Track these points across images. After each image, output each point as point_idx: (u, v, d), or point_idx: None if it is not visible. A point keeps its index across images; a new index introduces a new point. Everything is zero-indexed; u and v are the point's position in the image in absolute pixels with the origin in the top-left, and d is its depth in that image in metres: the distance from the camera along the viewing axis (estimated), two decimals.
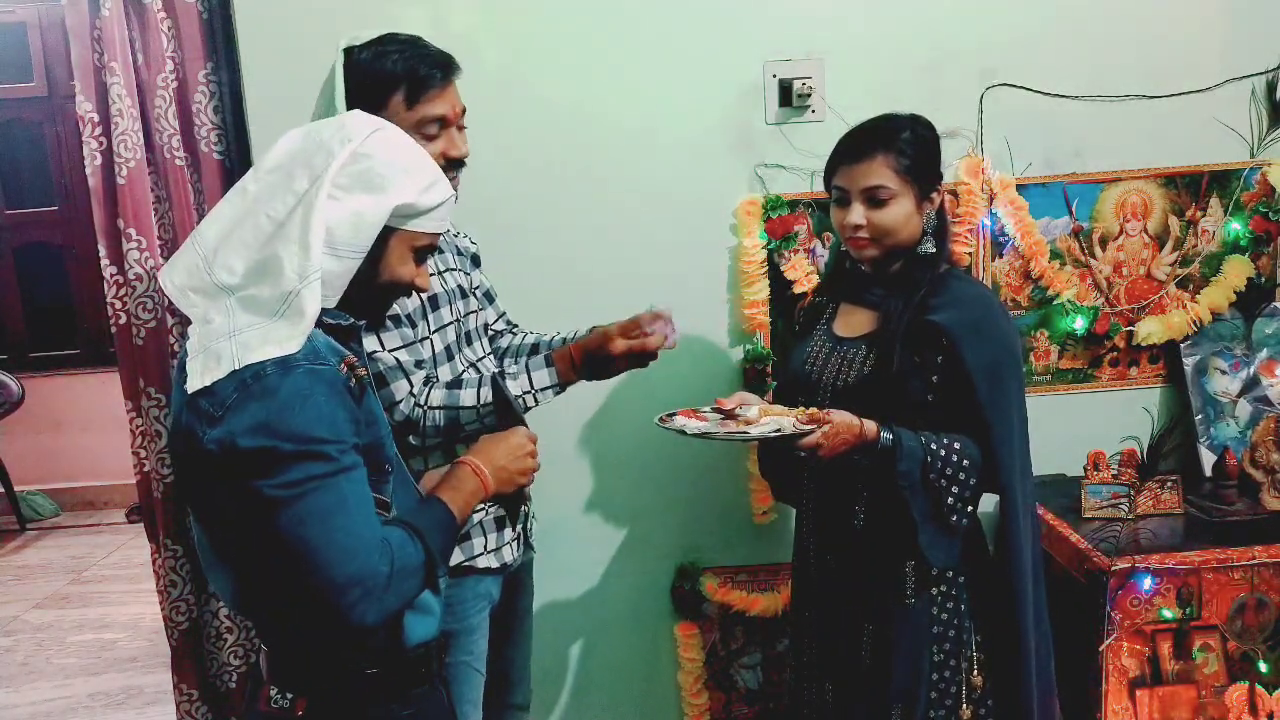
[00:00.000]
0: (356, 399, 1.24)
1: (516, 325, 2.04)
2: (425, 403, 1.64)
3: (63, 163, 5.16)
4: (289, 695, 1.29)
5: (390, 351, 1.64)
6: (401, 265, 1.31)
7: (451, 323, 1.78)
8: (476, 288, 1.91)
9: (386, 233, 1.27)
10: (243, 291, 1.21)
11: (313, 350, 1.20)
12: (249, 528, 1.19)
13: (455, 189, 1.69)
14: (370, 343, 1.62)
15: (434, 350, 1.73)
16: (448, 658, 1.73)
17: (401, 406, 1.64)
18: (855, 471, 1.70)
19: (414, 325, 1.70)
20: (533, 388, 1.71)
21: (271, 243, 1.20)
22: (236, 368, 1.16)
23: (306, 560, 1.15)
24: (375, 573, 1.17)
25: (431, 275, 1.74)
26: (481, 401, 1.63)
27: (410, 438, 1.67)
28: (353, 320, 1.33)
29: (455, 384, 1.66)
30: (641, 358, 1.75)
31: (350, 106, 1.65)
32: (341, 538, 1.16)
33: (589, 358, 1.74)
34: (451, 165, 1.70)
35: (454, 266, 1.83)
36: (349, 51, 1.67)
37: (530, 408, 1.71)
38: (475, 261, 1.95)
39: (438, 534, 1.28)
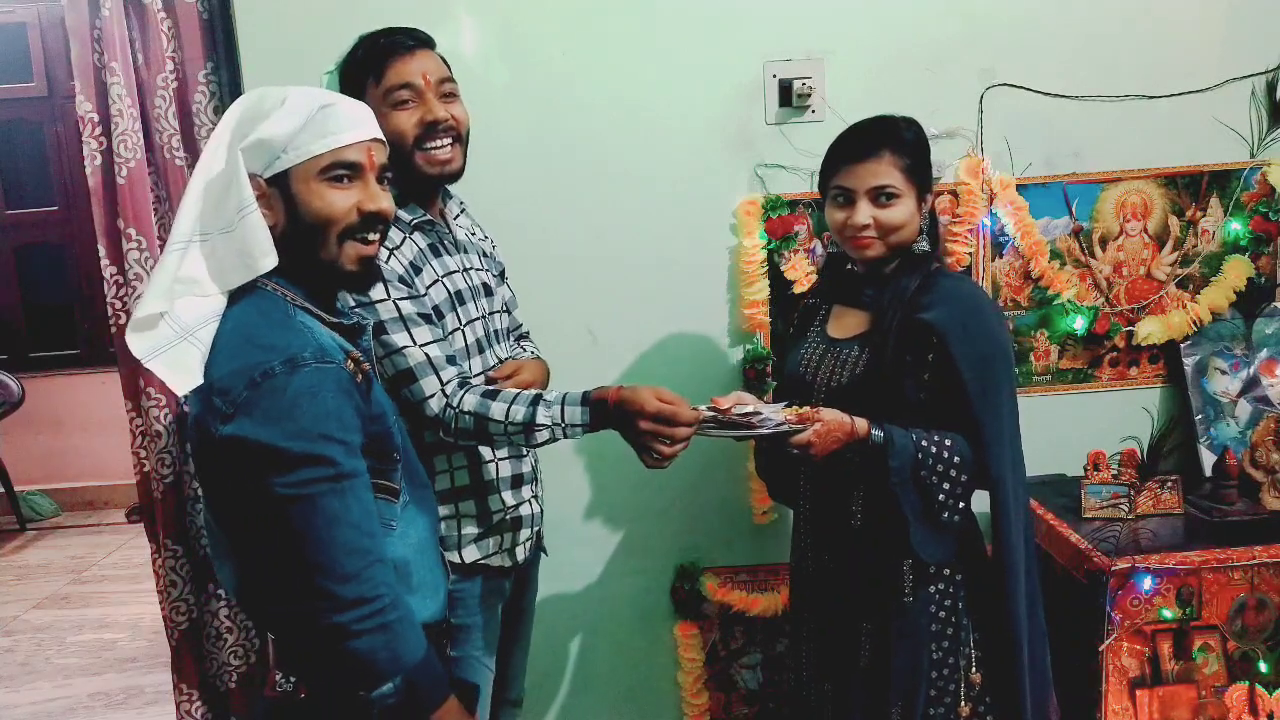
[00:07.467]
0: (364, 395, 1.27)
1: (526, 336, 2.02)
2: (457, 405, 1.58)
3: (63, 163, 5.16)
4: (292, 680, 1.32)
5: (421, 346, 1.60)
6: (318, 200, 1.28)
7: (479, 318, 1.77)
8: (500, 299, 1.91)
9: (281, 180, 1.27)
10: (201, 233, 1.27)
11: (319, 349, 1.23)
12: (257, 521, 1.23)
13: (453, 158, 1.69)
14: (401, 338, 1.59)
15: (466, 342, 1.72)
16: (458, 652, 1.74)
17: (432, 403, 1.59)
18: (851, 470, 1.71)
19: (443, 317, 1.68)
20: (563, 421, 1.56)
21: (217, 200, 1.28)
22: (223, 290, 1.26)
23: (309, 555, 1.20)
24: (374, 581, 1.23)
25: (455, 272, 1.73)
26: (509, 419, 1.56)
27: (441, 434, 1.62)
28: (356, 320, 1.38)
29: (491, 394, 1.59)
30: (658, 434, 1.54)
31: None
32: (346, 536, 1.21)
33: (618, 409, 1.56)
34: (434, 131, 1.65)
35: (479, 266, 1.83)
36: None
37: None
38: (502, 276, 1.94)
39: (424, 676, 1.30)
